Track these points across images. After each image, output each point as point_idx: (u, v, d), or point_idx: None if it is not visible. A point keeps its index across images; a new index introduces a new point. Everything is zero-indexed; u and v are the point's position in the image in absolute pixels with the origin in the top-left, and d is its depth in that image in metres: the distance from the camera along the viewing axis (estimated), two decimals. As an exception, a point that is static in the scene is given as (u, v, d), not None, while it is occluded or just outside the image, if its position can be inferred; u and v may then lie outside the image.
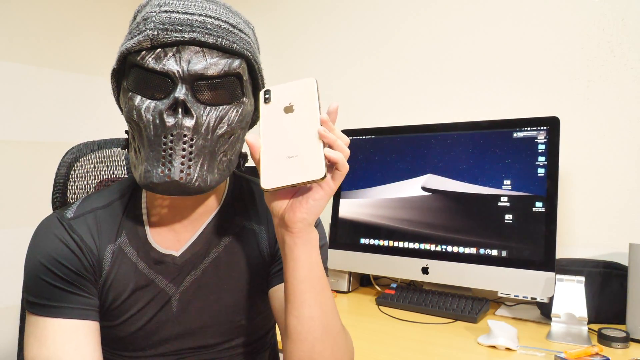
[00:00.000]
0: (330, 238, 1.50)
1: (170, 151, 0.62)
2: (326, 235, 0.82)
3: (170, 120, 0.61)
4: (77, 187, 0.94)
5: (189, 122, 0.62)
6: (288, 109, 0.63)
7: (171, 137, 0.61)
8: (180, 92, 0.61)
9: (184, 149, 0.62)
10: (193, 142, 0.62)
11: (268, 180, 0.59)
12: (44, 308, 0.65)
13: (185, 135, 0.62)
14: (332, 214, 1.51)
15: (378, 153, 1.47)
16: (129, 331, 0.71)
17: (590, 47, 1.33)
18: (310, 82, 0.63)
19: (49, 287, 0.66)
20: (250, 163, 1.73)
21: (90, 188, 0.94)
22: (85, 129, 2.01)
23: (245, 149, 1.93)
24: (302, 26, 1.91)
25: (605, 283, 1.16)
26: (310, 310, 0.63)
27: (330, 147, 0.60)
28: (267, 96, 0.64)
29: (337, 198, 1.52)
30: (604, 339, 1.03)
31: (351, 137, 1.54)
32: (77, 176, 0.93)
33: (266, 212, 0.79)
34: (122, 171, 1.00)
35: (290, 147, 0.60)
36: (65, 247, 0.67)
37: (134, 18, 0.68)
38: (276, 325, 0.84)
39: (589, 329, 1.10)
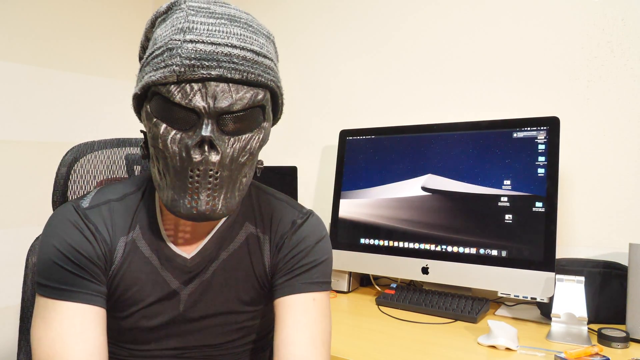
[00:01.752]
0: (330, 238, 1.49)
1: (197, 184, 0.64)
2: (330, 248, 0.83)
3: (197, 157, 0.63)
4: (77, 187, 0.94)
5: (214, 158, 0.63)
6: None
7: (197, 172, 0.64)
8: (207, 129, 0.63)
9: (209, 182, 0.65)
10: (218, 174, 0.65)
11: None
12: (54, 290, 0.67)
13: (211, 170, 0.64)
14: (332, 214, 1.51)
15: (378, 153, 1.47)
16: (134, 324, 0.73)
17: (590, 47, 1.33)
18: None
19: (61, 271, 0.67)
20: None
21: (90, 188, 0.94)
22: (85, 129, 2.01)
23: (260, 157, 1.90)
24: (301, 26, 1.91)
25: (605, 283, 1.16)
26: None
27: None
28: None
29: (337, 198, 1.52)
30: (604, 339, 1.03)
31: (351, 137, 1.54)
32: (77, 176, 0.93)
33: (270, 222, 0.79)
34: (122, 171, 1.00)
35: None
36: (80, 234, 0.70)
37: (152, 25, 0.68)
38: None
39: (588, 329, 1.10)
